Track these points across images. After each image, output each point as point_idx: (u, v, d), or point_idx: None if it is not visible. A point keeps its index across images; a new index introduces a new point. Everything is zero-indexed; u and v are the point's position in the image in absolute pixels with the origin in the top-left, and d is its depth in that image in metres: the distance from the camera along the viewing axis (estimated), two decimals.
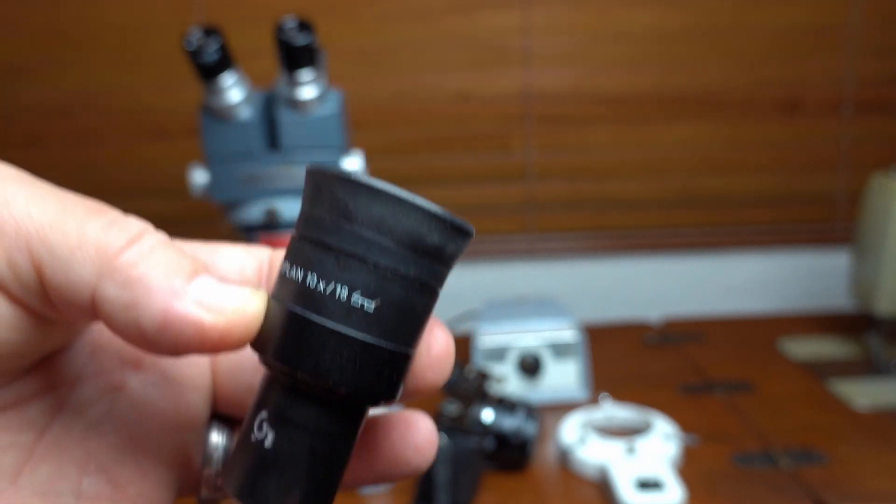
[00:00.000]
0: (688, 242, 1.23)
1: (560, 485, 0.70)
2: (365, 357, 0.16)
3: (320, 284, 0.16)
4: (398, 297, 0.16)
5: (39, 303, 0.15)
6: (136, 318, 0.15)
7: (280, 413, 0.16)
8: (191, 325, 0.15)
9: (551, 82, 1.17)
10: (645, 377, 0.94)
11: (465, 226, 0.17)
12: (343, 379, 0.16)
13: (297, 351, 0.16)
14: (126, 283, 0.15)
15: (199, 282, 0.15)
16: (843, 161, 1.20)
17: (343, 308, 0.16)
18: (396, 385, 0.17)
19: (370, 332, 0.16)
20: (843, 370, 0.93)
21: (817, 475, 0.69)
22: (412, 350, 0.17)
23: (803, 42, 1.16)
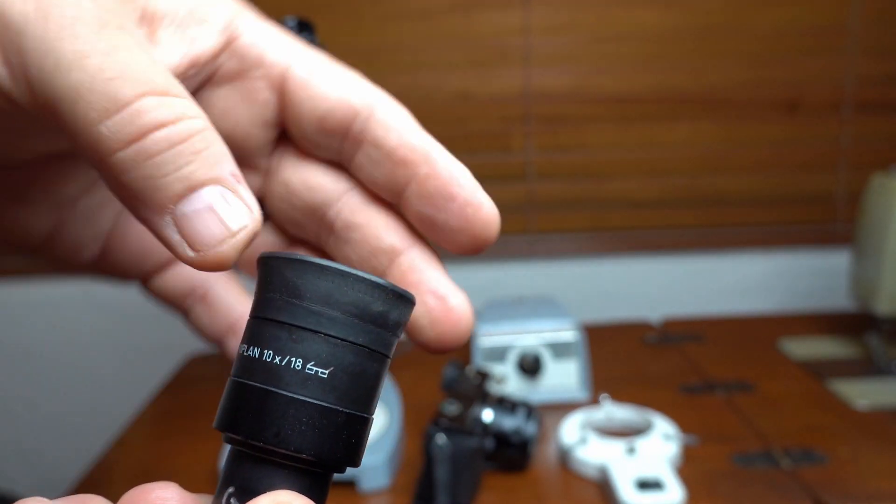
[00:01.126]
0: (688, 242, 1.23)
1: (560, 485, 0.70)
2: (323, 421, 0.17)
3: (276, 358, 0.17)
4: (350, 363, 0.17)
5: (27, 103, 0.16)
6: (121, 196, 0.16)
7: (247, 486, 0.17)
8: (167, 245, 0.16)
9: (551, 82, 1.17)
10: (645, 377, 0.93)
11: (406, 294, 0.18)
12: (304, 445, 0.17)
13: (259, 422, 0.16)
14: (121, 173, 0.15)
15: (191, 201, 0.15)
16: (844, 161, 1.20)
17: (299, 377, 0.17)
18: (356, 448, 0.18)
19: (326, 398, 0.17)
20: (843, 370, 0.93)
21: (817, 475, 0.69)
22: (368, 414, 0.18)
23: (803, 42, 1.16)
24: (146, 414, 0.91)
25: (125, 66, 0.15)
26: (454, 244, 0.21)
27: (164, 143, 0.15)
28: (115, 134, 0.15)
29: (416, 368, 0.92)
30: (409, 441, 0.78)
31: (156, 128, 0.15)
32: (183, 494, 0.18)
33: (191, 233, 0.16)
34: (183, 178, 0.15)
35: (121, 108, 0.15)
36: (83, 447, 1.20)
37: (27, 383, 1.30)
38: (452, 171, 0.20)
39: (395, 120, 0.20)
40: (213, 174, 0.16)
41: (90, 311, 1.27)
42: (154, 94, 0.15)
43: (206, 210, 0.16)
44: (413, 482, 0.67)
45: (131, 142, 0.15)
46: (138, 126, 0.15)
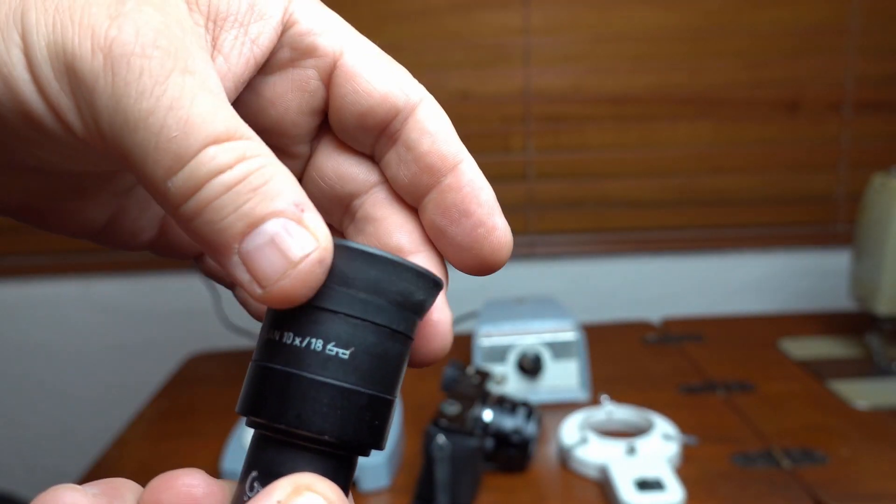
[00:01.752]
0: (687, 242, 1.23)
1: (560, 485, 0.70)
2: (344, 402, 0.17)
3: (296, 340, 0.17)
4: (371, 343, 0.17)
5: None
6: (195, 241, 0.16)
7: (269, 469, 0.17)
8: (241, 286, 0.16)
9: (551, 82, 1.17)
10: (645, 377, 0.93)
11: (430, 275, 0.18)
12: (326, 426, 0.16)
13: (280, 404, 0.16)
14: (188, 221, 0.16)
15: (253, 238, 0.16)
16: (844, 161, 1.20)
17: (319, 359, 0.17)
18: (380, 431, 0.18)
19: (347, 379, 0.17)
20: (843, 370, 0.93)
21: (817, 475, 0.69)
22: (391, 396, 0.18)
23: (803, 42, 1.16)
24: (146, 413, 0.91)
25: (188, 119, 0.15)
26: (460, 262, 0.21)
27: (222, 187, 0.15)
28: (180, 189, 0.15)
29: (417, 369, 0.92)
30: (409, 441, 0.78)
31: (214, 175, 0.15)
32: (209, 480, 0.18)
33: (255, 269, 0.16)
34: (242, 216, 0.16)
35: (184, 164, 0.15)
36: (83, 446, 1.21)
37: (27, 382, 1.30)
38: (474, 187, 0.20)
39: (432, 124, 0.20)
40: (273, 208, 0.16)
41: (90, 311, 1.27)
42: (216, 144, 0.15)
43: (267, 245, 0.16)
44: (413, 482, 0.67)
45: (193, 193, 0.15)
46: (198, 177, 0.15)
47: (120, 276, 1.25)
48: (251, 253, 0.16)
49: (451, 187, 0.20)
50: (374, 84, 0.19)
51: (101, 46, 0.16)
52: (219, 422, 0.83)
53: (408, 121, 0.20)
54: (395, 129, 0.20)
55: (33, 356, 1.28)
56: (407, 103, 0.20)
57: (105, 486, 0.18)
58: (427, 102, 0.20)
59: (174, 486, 0.18)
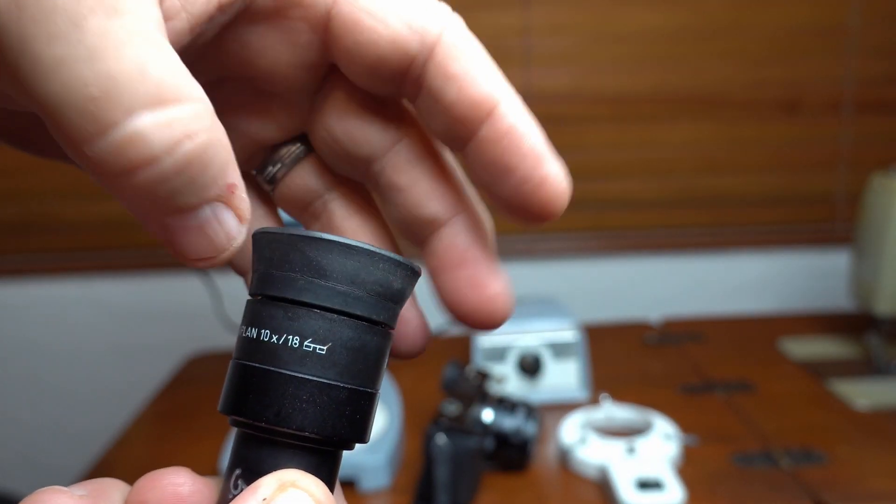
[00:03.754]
0: (688, 242, 1.23)
1: (560, 485, 0.70)
2: (324, 398, 0.17)
3: (273, 337, 0.17)
4: (349, 338, 0.17)
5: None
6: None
7: (253, 467, 0.17)
8: (162, 242, 0.15)
9: (551, 82, 1.17)
10: (645, 377, 0.93)
11: (408, 263, 0.18)
12: (306, 422, 0.16)
13: (260, 402, 0.16)
14: (112, 191, 0.14)
15: (182, 219, 0.15)
16: (843, 161, 1.20)
17: (296, 355, 0.17)
18: (361, 424, 0.17)
19: (325, 374, 0.17)
20: (843, 370, 0.93)
21: (817, 475, 0.69)
22: (372, 389, 0.18)
23: (803, 42, 1.16)
24: (146, 414, 0.91)
25: (110, 76, 0.13)
26: (513, 217, 0.19)
27: (152, 177, 0.13)
28: (101, 161, 0.13)
29: (416, 368, 0.92)
30: (409, 441, 0.78)
31: (143, 163, 0.13)
32: (194, 478, 0.18)
33: (180, 244, 0.15)
34: (172, 205, 0.14)
35: (105, 133, 0.13)
36: (83, 447, 1.21)
37: (27, 383, 1.30)
38: (514, 136, 0.18)
39: (455, 65, 0.17)
40: (205, 196, 0.14)
41: (90, 311, 1.27)
42: (147, 108, 0.13)
43: (194, 229, 0.15)
44: (413, 482, 0.67)
45: (116, 172, 0.13)
46: (123, 158, 0.13)
47: (120, 276, 1.25)
48: (176, 231, 0.15)
49: (487, 140, 0.18)
50: (378, 32, 0.17)
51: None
52: (219, 422, 0.83)
53: (427, 65, 0.17)
54: (416, 76, 0.17)
55: (33, 356, 1.29)
56: (422, 44, 0.17)
57: (92, 487, 0.17)
58: (447, 37, 0.17)
59: (160, 486, 0.18)
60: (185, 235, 0.15)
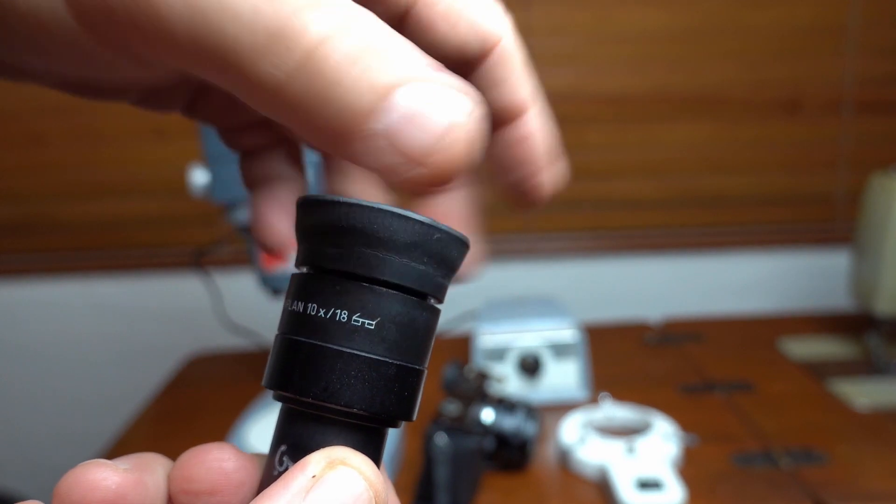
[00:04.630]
0: (688, 242, 1.23)
1: (560, 485, 0.70)
2: (372, 374, 0.16)
3: (321, 311, 0.16)
4: (397, 313, 0.16)
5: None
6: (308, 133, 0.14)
7: (299, 443, 0.17)
8: (388, 174, 0.14)
9: (551, 82, 1.17)
10: (645, 377, 0.94)
11: (461, 237, 0.17)
12: (354, 398, 0.16)
13: (306, 377, 0.16)
14: (298, 99, 0.13)
15: (387, 112, 0.13)
16: (843, 161, 1.20)
17: (345, 330, 0.16)
18: (409, 402, 0.17)
19: (374, 350, 0.16)
20: (843, 370, 0.93)
21: (817, 475, 0.69)
22: (420, 366, 0.17)
23: (803, 42, 1.16)
24: (147, 414, 0.91)
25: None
26: (500, 193, 0.22)
27: (335, 56, 0.13)
28: (280, 65, 0.13)
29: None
30: (409, 441, 0.78)
31: (323, 41, 0.13)
32: (238, 454, 0.18)
33: (403, 144, 0.13)
34: (369, 87, 0.13)
35: (281, 33, 0.12)
36: (84, 446, 1.21)
37: (27, 383, 1.30)
38: (532, 141, 0.21)
39: (500, 72, 0.21)
40: (404, 74, 0.13)
41: (90, 311, 1.27)
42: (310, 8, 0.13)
43: (410, 116, 0.13)
44: (413, 482, 0.67)
45: (299, 65, 0.13)
46: (302, 46, 0.12)
47: (120, 276, 1.25)
48: (390, 131, 0.13)
49: (510, 138, 0.21)
50: (448, 36, 0.19)
51: None
52: (220, 422, 0.83)
53: (479, 67, 0.20)
54: (465, 71, 0.20)
55: (33, 356, 1.29)
56: (482, 48, 0.20)
57: (135, 461, 0.18)
58: (502, 49, 0.20)
59: (205, 461, 0.17)
60: (400, 132, 0.13)
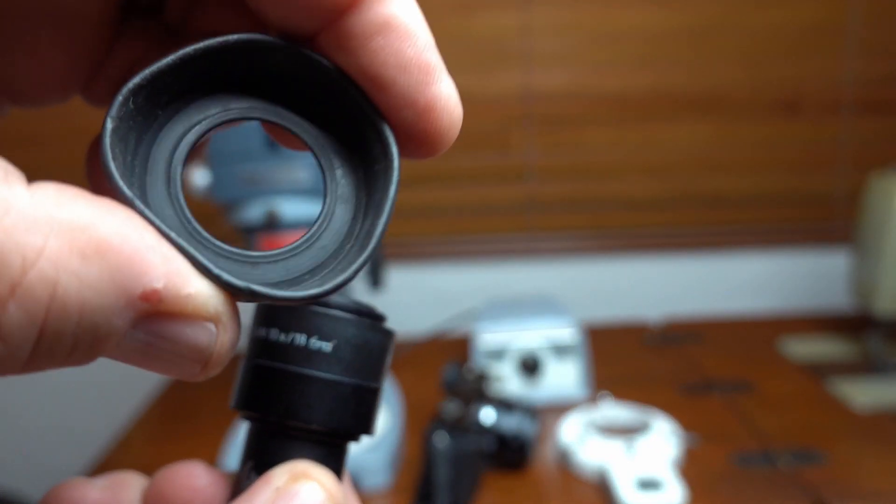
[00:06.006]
0: (688, 242, 1.23)
1: (560, 485, 0.70)
2: (329, 393, 0.17)
3: (281, 336, 0.18)
4: (352, 336, 0.18)
5: None
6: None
7: (264, 459, 0.18)
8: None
9: (551, 82, 1.17)
10: (645, 377, 0.94)
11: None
12: (314, 416, 0.17)
13: (270, 398, 0.17)
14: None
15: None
16: (843, 161, 1.20)
17: (303, 353, 0.17)
18: (366, 418, 0.18)
19: (331, 370, 0.18)
20: (843, 370, 0.93)
21: (817, 475, 0.69)
22: (375, 384, 0.19)
23: (803, 42, 1.16)
24: (147, 414, 0.91)
25: None
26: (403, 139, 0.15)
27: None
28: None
29: (416, 368, 0.92)
30: (409, 441, 0.78)
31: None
32: (210, 471, 0.19)
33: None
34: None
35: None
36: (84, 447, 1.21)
37: (28, 382, 1.30)
38: (394, 31, 0.15)
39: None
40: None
41: None
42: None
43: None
44: (413, 482, 0.68)
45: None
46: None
47: None
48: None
49: (355, 35, 0.14)
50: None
51: None
52: (220, 421, 0.83)
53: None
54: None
55: None
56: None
57: (111, 480, 0.19)
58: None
59: (177, 478, 0.18)
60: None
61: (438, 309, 1.17)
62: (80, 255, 0.11)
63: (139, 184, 0.14)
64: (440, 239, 1.21)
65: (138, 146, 0.14)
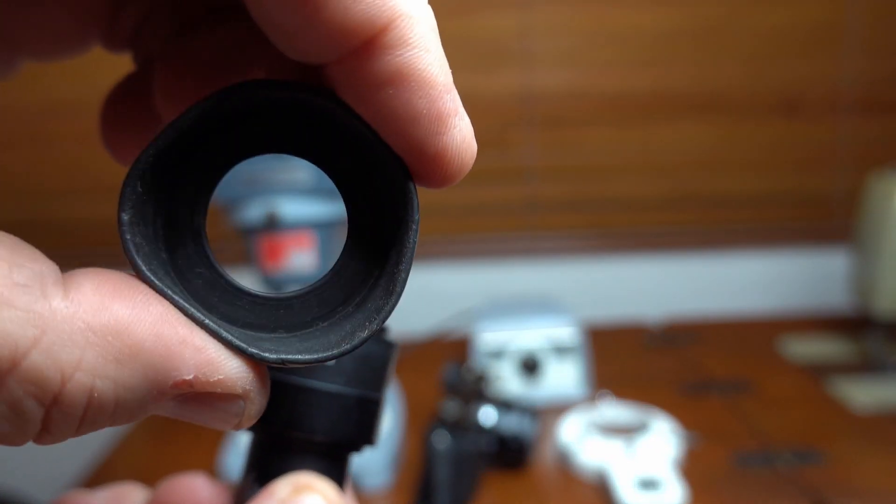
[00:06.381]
0: (687, 242, 1.23)
1: (560, 485, 0.70)
2: (332, 404, 0.17)
3: None
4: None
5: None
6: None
7: (267, 470, 0.18)
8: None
9: (551, 83, 1.17)
10: (645, 377, 0.94)
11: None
12: (316, 427, 0.17)
13: (272, 409, 0.17)
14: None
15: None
16: (842, 161, 1.20)
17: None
18: (369, 429, 0.18)
19: (334, 382, 0.18)
20: (843, 370, 0.93)
21: (816, 475, 0.69)
22: (378, 395, 0.18)
23: (803, 43, 1.16)
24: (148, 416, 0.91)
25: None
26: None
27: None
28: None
29: (416, 368, 0.92)
30: (410, 441, 0.78)
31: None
32: (212, 483, 0.19)
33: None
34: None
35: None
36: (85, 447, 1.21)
37: None
38: (410, 74, 0.14)
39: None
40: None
41: None
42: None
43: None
44: (413, 482, 0.68)
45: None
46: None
47: None
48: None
49: (368, 72, 0.13)
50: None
51: None
52: None
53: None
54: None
55: None
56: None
57: (114, 492, 0.18)
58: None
59: (179, 491, 0.18)
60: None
61: (438, 309, 1.17)
62: (115, 361, 0.12)
63: (166, 247, 0.14)
64: (440, 239, 1.21)
65: (157, 214, 0.14)
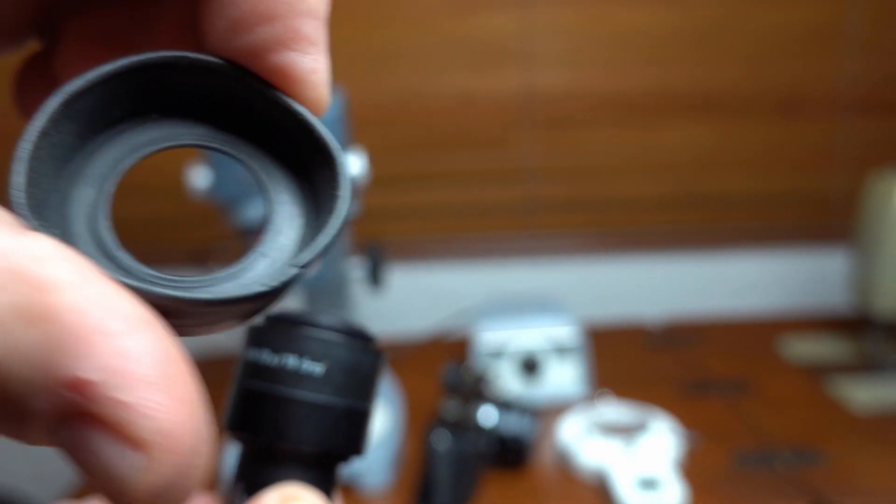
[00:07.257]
0: (687, 242, 1.23)
1: (560, 485, 0.71)
2: (320, 415, 0.17)
3: (272, 358, 0.18)
4: (343, 357, 0.18)
5: None
6: None
7: (254, 481, 0.18)
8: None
9: (551, 83, 1.17)
10: (645, 377, 0.94)
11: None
12: (304, 438, 0.17)
13: (260, 420, 0.17)
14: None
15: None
16: (842, 161, 1.20)
17: (294, 375, 0.17)
18: (357, 439, 0.18)
19: (322, 391, 0.18)
20: (842, 370, 0.93)
21: (816, 475, 0.69)
22: (366, 405, 0.19)
23: (801, 42, 1.16)
24: None
25: None
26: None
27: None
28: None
29: (416, 368, 0.92)
30: (410, 441, 0.78)
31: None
32: (202, 497, 0.19)
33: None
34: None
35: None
36: None
37: None
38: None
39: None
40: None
41: None
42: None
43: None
44: (413, 482, 0.68)
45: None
46: None
47: None
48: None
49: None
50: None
51: None
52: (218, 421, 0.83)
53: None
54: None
55: None
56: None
57: (103, 500, 0.18)
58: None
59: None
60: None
61: (438, 309, 1.17)
62: (26, 319, 0.09)
63: (57, 204, 0.13)
64: (440, 239, 1.21)
65: (60, 172, 0.13)
